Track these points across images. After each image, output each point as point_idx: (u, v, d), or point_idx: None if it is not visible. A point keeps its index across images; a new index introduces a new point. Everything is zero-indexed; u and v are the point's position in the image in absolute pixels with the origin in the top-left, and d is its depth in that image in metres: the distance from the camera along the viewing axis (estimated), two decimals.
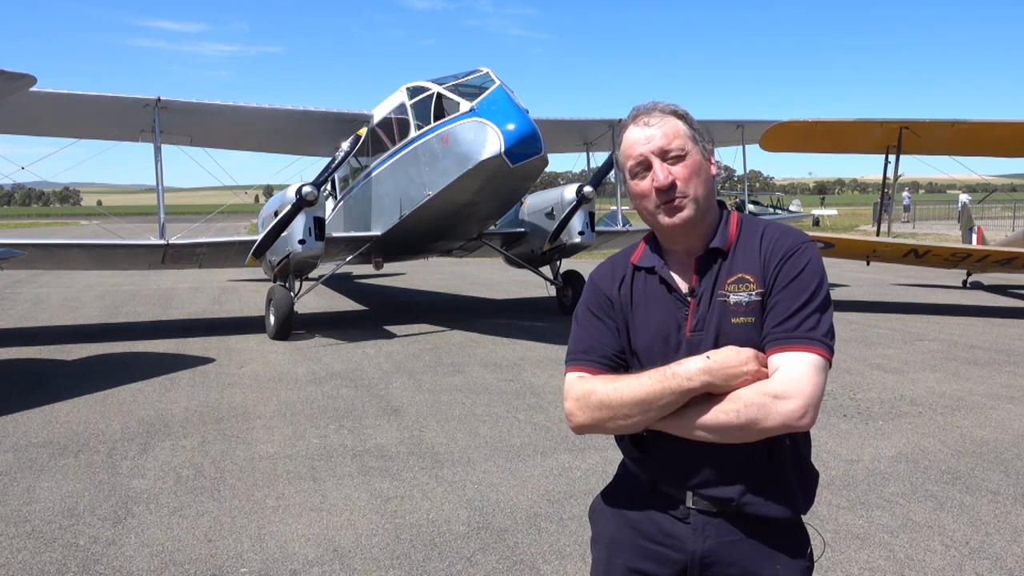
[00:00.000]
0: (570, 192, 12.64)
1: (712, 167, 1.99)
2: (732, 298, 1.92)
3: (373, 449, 6.04)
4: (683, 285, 1.98)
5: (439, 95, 11.31)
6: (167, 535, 4.47)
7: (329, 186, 13.99)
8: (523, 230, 13.55)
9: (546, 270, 14.00)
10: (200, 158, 17.42)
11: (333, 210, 14.34)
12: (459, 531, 4.50)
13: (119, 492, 5.15)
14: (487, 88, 10.65)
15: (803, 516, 2.00)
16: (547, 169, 11.59)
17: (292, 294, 11.37)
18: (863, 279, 17.70)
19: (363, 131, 12.52)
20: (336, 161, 11.78)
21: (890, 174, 15.75)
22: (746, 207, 29.69)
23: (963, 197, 34.00)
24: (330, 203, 14.30)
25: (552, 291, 13.92)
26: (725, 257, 1.96)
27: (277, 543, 4.36)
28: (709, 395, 1.83)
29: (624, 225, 15.69)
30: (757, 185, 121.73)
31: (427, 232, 12.24)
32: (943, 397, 7.44)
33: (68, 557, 4.21)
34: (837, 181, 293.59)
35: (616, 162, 2.04)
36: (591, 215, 12.86)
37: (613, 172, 13.05)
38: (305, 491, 5.15)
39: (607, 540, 2.06)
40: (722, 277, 1.94)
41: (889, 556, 4.14)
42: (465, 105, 10.58)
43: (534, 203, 13.50)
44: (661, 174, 1.91)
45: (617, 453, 2.12)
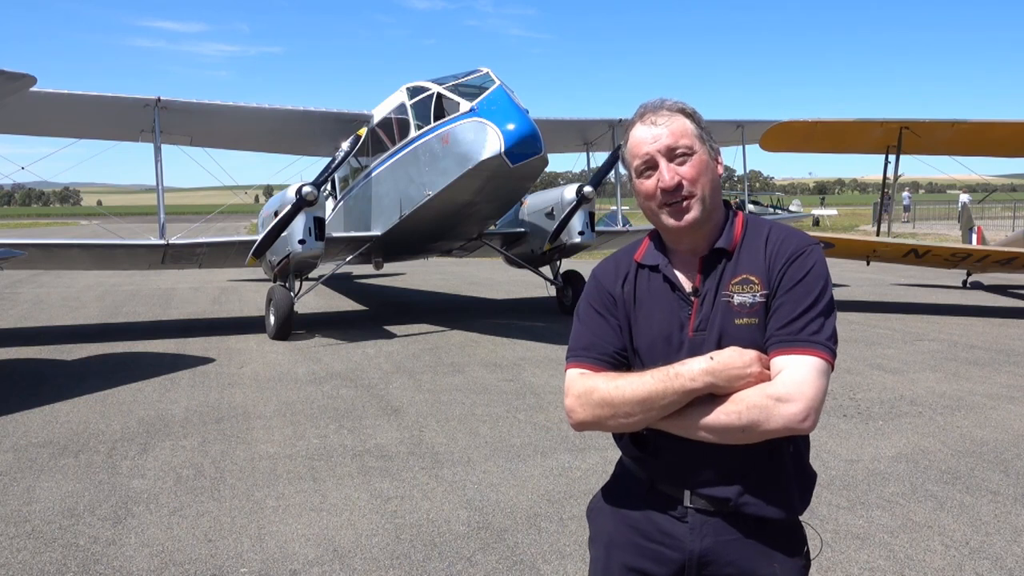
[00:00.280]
0: (570, 192, 12.64)
1: (719, 167, 1.98)
2: (736, 299, 1.91)
3: (373, 449, 6.04)
4: (687, 284, 1.97)
5: (439, 95, 11.31)
6: (167, 535, 4.47)
7: (329, 186, 13.98)
8: (523, 230, 13.55)
9: (546, 270, 14.00)
10: (200, 158, 17.43)
11: (333, 210, 14.34)
12: (459, 531, 4.50)
13: (119, 492, 5.15)
14: (487, 88, 10.65)
15: (801, 515, 2.00)
16: (547, 169, 11.60)
17: (292, 294, 11.37)
18: (863, 279, 17.69)
19: (363, 131, 12.52)
20: (336, 161, 11.78)
21: (890, 174, 15.76)
22: (746, 207, 29.68)
23: (963, 197, 34.00)
24: (330, 203, 14.30)
25: (552, 291, 13.92)
26: (730, 257, 1.95)
27: (277, 543, 4.36)
28: (711, 395, 1.83)
29: (624, 225, 15.69)
30: (757, 185, 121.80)
31: (427, 232, 12.24)
32: (943, 397, 7.44)
33: (68, 557, 4.21)
34: (837, 181, 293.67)
35: (622, 159, 2.03)
36: (591, 215, 12.85)
37: (613, 172, 13.07)
38: (305, 491, 5.15)
39: (605, 539, 2.06)
40: (726, 278, 1.93)
41: (889, 556, 4.14)
42: (465, 105, 10.58)
43: (534, 203, 13.50)
44: (667, 175, 1.90)
45: (617, 452, 2.12)
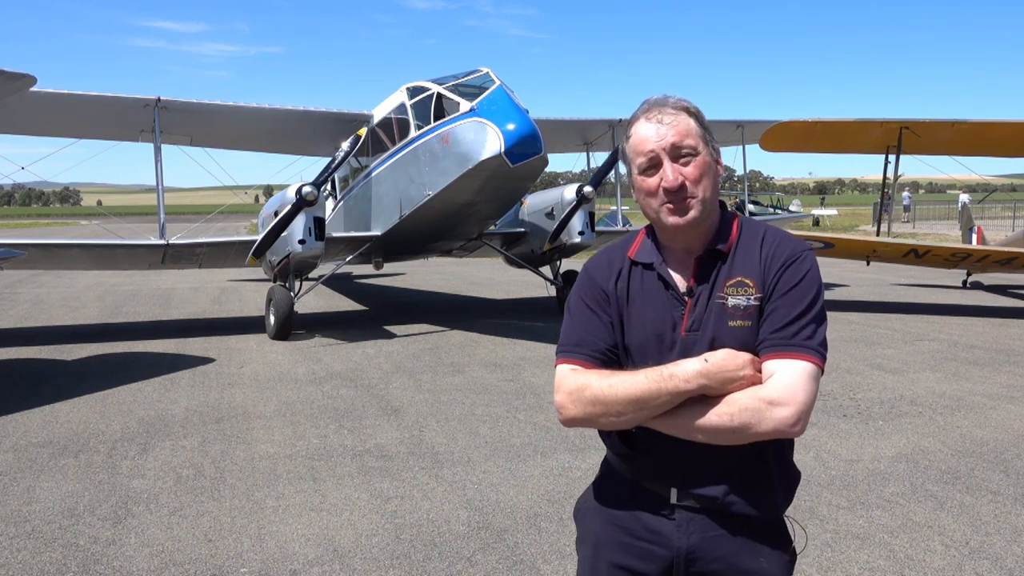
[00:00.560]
0: (570, 192, 12.64)
1: (720, 168, 1.98)
2: (730, 301, 1.91)
3: (373, 449, 6.04)
4: (681, 284, 1.97)
5: (439, 95, 11.31)
6: (167, 535, 4.47)
7: (329, 186, 13.98)
8: (523, 230, 13.56)
9: (546, 270, 14.00)
10: (200, 158, 17.44)
11: (333, 210, 14.34)
12: (459, 531, 4.50)
13: (119, 492, 5.15)
14: (487, 88, 10.65)
15: (784, 512, 2.02)
16: (547, 169, 11.60)
17: (292, 294, 11.37)
18: (863, 279, 17.69)
19: (363, 131, 12.52)
20: (336, 161, 11.78)
21: (890, 174, 15.76)
22: (746, 207, 29.70)
23: (963, 197, 34.00)
24: (330, 203, 14.30)
25: (552, 291, 13.91)
26: (725, 259, 1.95)
27: (277, 543, 4.36)
28: (703, 396, 1.84)
29: (624, 225, 15.69)
30: (757, 185, 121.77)
31: (427, 232, 12.24)
32: (943, 397, 7.44)
33: (68, 557, 4.21)
34: (837, 181, 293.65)
35: (622, 155, 2.02)
36: (591, 215, 12.86)
37: (613, 172, 13.07)
38: (305, 491, 5.15)
39: (593, 539, 2.07)
40: (721, 279, 1.94)
41: (889, 556, 4.14)
42: (465, 105, 10.58)
43: (534, 203, 13.51)
44: (671, 175, 1.90)
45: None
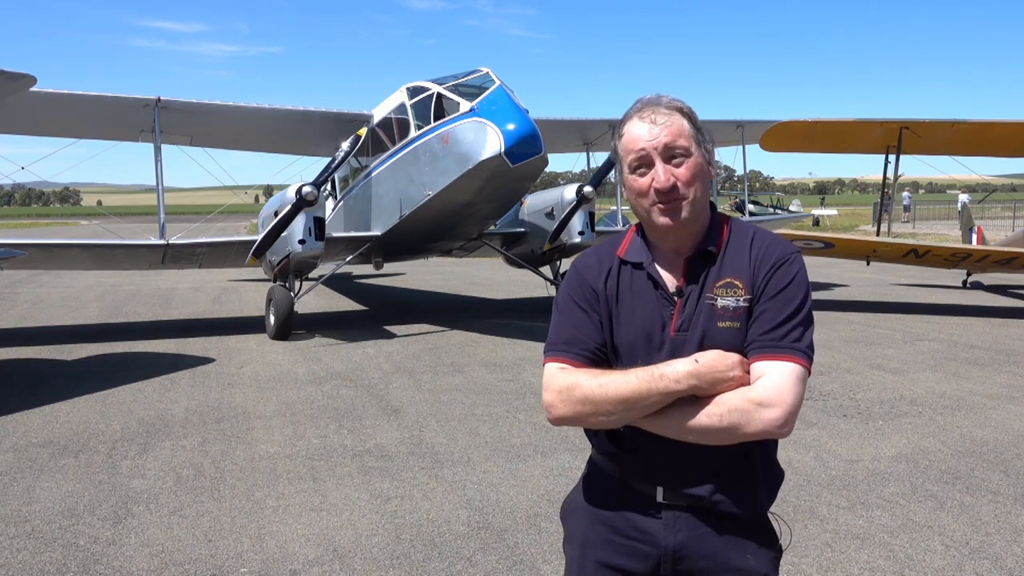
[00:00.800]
0: (570, 192, 12.65)
1: (711, 169, 1.98)
2: (720, 302, 1.92)
3: (373, 449, 6.04)
4: (670, 284, 1.98)
5: (439, 95, 11.32)
6: (167, 535, 4.47)
7: (329, 186, 13.98)
8: (523, 230, 13.56)
9: (546, 270, 14.00)
10: (200, 158, 17.46)
11: (333, 210, 14.34)
12: (459, 531, 4.50)
13: (119, 492, 5.15)
14: (487, 88, 10.66)
15: (768, 510, 2.04)
16: (547, 169, 11.61)
17: (292, 294, 11.37)
18: (863, 279, 17.69)
19: (363, 131, 12.52)
20: (336, 161, 11.78)
21: (890, 174, 15.75)
22: (746, 207, 29.70)
23: (962, 197, 33.99)
24: (330, 203, 14.30)
25: (552, 291, 13.90)
26: (714, 260, 1.96)
27: (277, 543, 4.36)
28: (693, 397, 1.85)
29: (624, 225, 15.70)
30: (757, 185, 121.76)
31: (427, 232, 12.24)
32: (943, 397, 7.44)
33: (68, 557, 4.21)
34: (837, 181, 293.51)
35: (614, 153, 2.02)
36: (591, 215, 12.86)
37: (613, 172, 13.07)
38: (305, 491, 5.15)
39: (580, 539, 2.07)
40: (711, 280, 1.95)
41: (889, 556, 4.14)
42: (465, 105, 10.58)
43: (534, 203, 13.51)
44: (663, 175, 1.90)
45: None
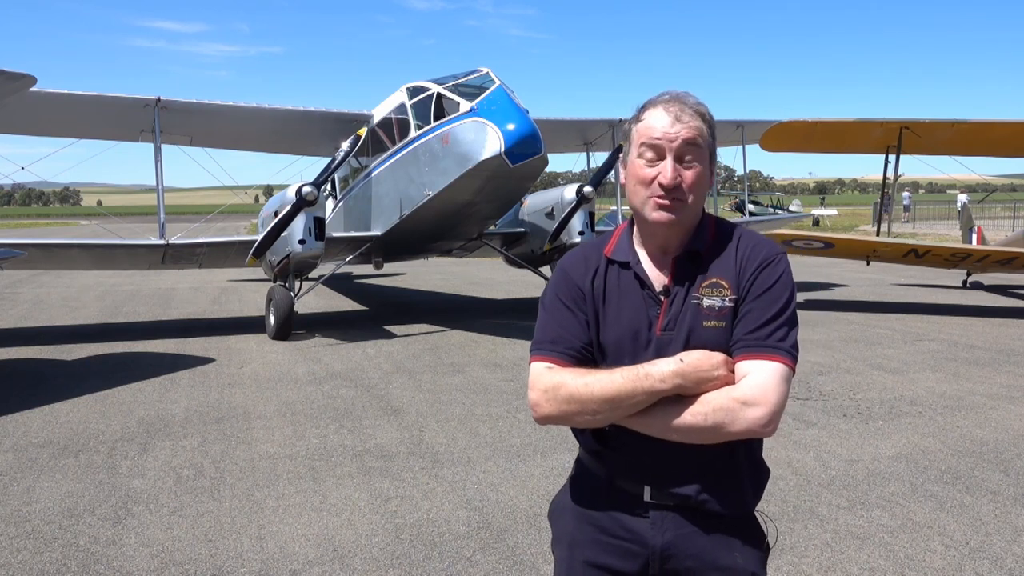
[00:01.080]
0: (570, 192, 12.65)
1: (712, 179, 2.00)
2: (706, 302, 1.93)
3: (373, 449, 6.05)
4: (656, 283, 1.98)
5: (439, 95, 11.32)
6: (167, 535, 4.47)
7: (329, 186, 13.98)
8: (523, 230, 13.55)
9: (546, 270, 13.99)
10: (200, 158, 17.46)
11: (333, 210, 14.34)
12: (459, 531, 4.50)
13: (119, 492, 5.15)
14: (487, 88, 10.66)
15: (755, 508, 2.04)
16: (547, 169, 11.61)
17: (292, 294, 11.36)
18: (863, 279, 17.70)
19: (363, 131, 12.52)
20: (336, 161, 11.78)
21: (890, 174, 15.75)
22: (746, 207, 29.72)
23: (961, 197, 34.00)
24: (330, 203, 14.30)
25: None
26: (701, 260, 1.97)
27: (277, 543, 4.36)
28: (678, 396, 1.86)
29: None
30: (757, 185, 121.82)
31: (427, 232, 12.25)
32: (943, 397, 7.44)
33: (68, 557, 4.21)
34: (837, 181, 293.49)
35: (626, 134, 2.02)
36: (591, 215, 12.86)
37: (613, 172, 13.07)
38: (305, 491, 5.16)
39: (568, 539, 2.08)
40: (697, 280, 1.96)
41: (889, 556, 4.14)
42: (465, 105, 10.59)
43: (534, 203, 13.51)
44: (671, 173, 1.90)
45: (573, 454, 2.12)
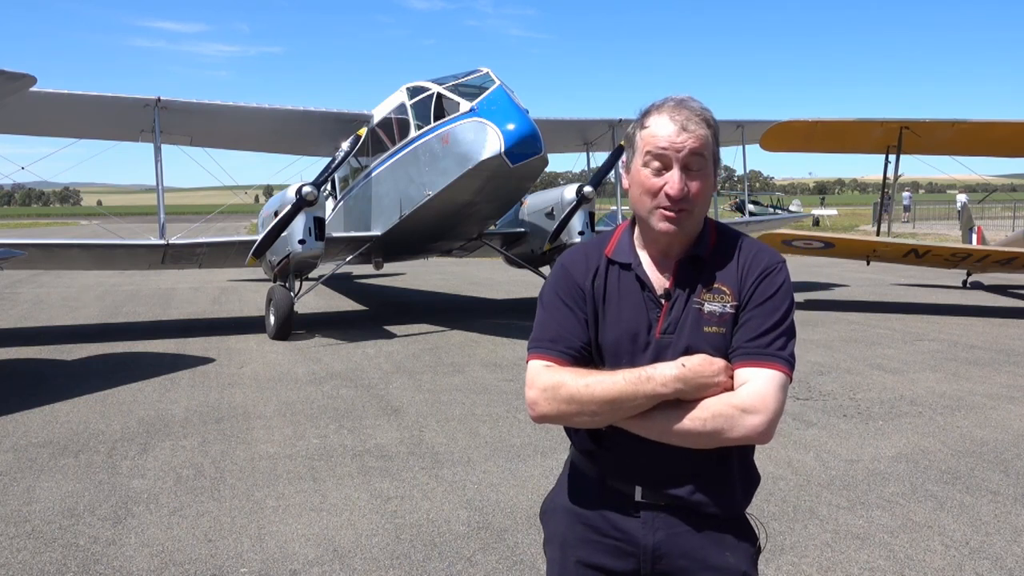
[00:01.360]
0: (570, 192, 12.64)
1: (715, 186, 2.01)
2: (707, 307, 1.94)
3: (373, 449, 6.05)
4: (657, 286, 1.99)
5: (439, 95, 11.32)
6: (167, 535, 4.47)
7: (329, 186, 13.99)
8: (523, 230, 13.55)
9: (546, 270, 13.98)
10: (200, 158, 17.46)
11: (333, 210, 14.34)
12: (459, 531, 4.50)
13: (119, 492, 5.15)
14: (487, 88, 10.66)
15: (745, 510, 2.05)
16: (547, 169, 11.60)
17: (292, 294, 11.36)
18: (863, 279, 17.70)
19: (363, 131, 12.52)
20: (336, 161, 11.79)
21: (890, 174, 15.74)
22: (746, 207, 29.72)
23: (961, 197, 34.01)
24: (330, 203, 14.30)
25: None
26: (703, 265, 1.98)
27: (277, 543, 4.36)
28: (677, 400, 1.86)
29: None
30: (757, 185, 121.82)
31: (427, 232, 12.24)
32: (943, 397, 7.44)
33: (68, 557, 4.21)
34: (837, 181, 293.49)
35: (629, 140, 2.01)
36: (591, 215, 12.85)
37: (613, 172, 13.07)
38: (305, 491, 5.16)
39: (560, 539, 2.08)
40: (698, 285, 1.96)
41: (889, 556, 4.14)
42: (465, 105, 10.59)
43: (534, 203, 13.51)
44: (678, 184, 1.90)
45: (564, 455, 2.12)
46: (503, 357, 9.56)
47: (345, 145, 11.97)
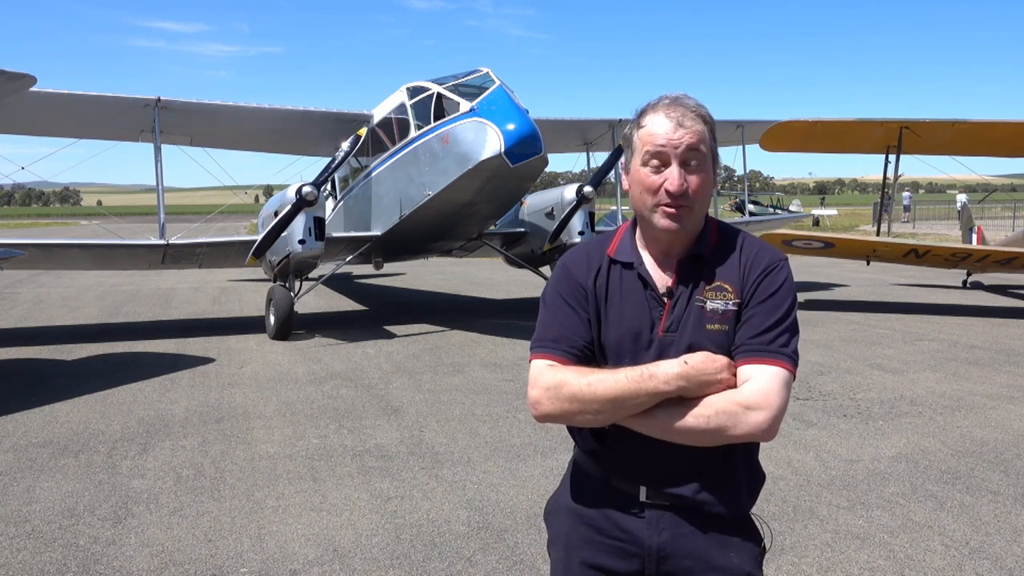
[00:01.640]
0: (570, 192, 12.64)
1: (715, 182, 2.01)
2: (709, 305, 1.94)
3: (373, 449, 6.05)
4: (660, 284, 1.99)
5: (439, 95, 11.32)
6: (167, 535, 4.47)
7: (329, 186, 13.98)
8: (523, 230, 13.55)
9: (546, 270, 13.98)
10: (200, 158, 17.46)
11: (333, 210, 14.34)
12: (459, 531, 4.50)
13: (119, 492, 5.15)
14: (487, 88, 10.66)
15: (750, 511, 2.05)
16: (547, 169, 11.61)
17: (292, 294, 11.36)
18: (863, 279, 17.70)
19: (363, 131, 12.53)
20: (336, 161, 11.79)
21: (890, 174, 15.74)
22: (746, 207, 29.73)
23: (961, 197, 34.02)
24: (330, 203, 14.30)
25: None
26: (705, 263, 1.98)
27: (277, 543, 4.36)
28: (680, 398, 1.86)
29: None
30: (757, 185, 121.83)
31: (427, 232, 12.25)
32: (943, 397, 7.44)
33: (68, 557, 4.21)
34: (837, 181, 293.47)
35: (627, 140, 2.01)
36: (591, 215, 12.86)
37: (613, 172, 13.08)
38: (305, 491, 5.16)
39: (564, 540, 2.08)
40: (701, 283, 1.96)
41: (889, 556, 4.14)
42: (465, 105, 10.59)
43: (534, 203, 13.51)
44: (677, 179, 1.90)
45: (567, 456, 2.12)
46: (503, 357, 9.56)
47: (345, 145, 11.97)
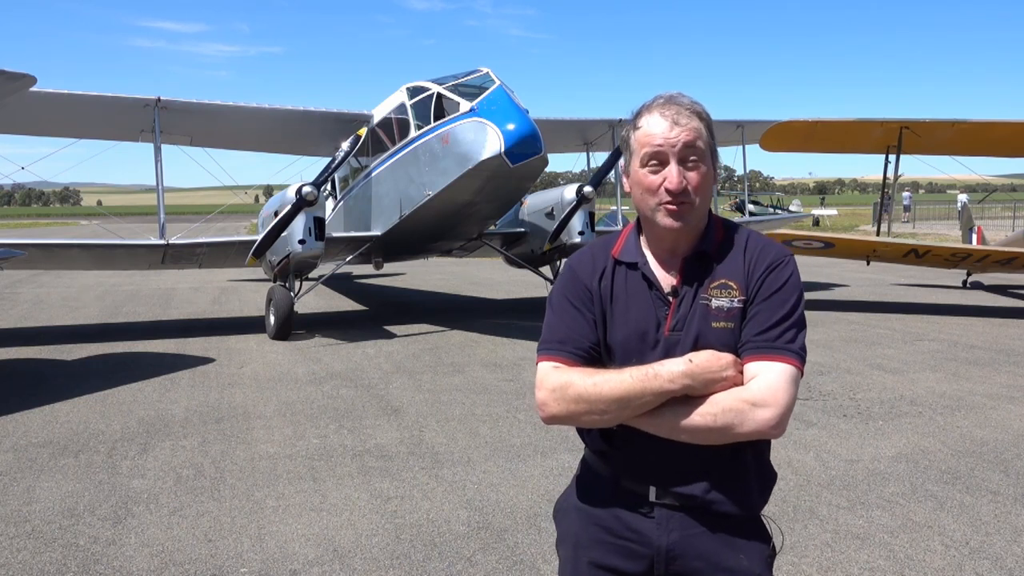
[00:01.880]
0: (570, 192, 12.64)
1: (716, 178, 2.00)
2: (714, 303, 1.94)
3: (373, 449, 6.05)
4: (665, 284, 1.99)
5: (439, 95, 11.32)
6: (167, 535, 4.47)
7: (329, 186, 13.99)
8: (523, 230, 13.55)
9: (546, 270, 14.00)
10: (200, 158, 17.46)
11: (333, 210, 14.34)
12: (459, 531, 4.50)
13: (119, 492, 5.15)
14: (487, 88, 10.66)
15: (761, 511, 2.04)
16: (547, 169, 11.61)
17: (292, 294, 11.36)
18: (863, 279, 17.70)
19: (363, 131, 12.53)
20: (336, 161, 11.79)
21: (890, 174, 15.75)
22: (746, 207, 29.73)
23: (961, 197, 34.02)
24: (330, 203, 14.30)
25: None
26: (709, 261, 1.98)
27: (277, 543, 4.36)
28: (686, 396, 1.86)
29: (624, 225, 15.67)
30: (757, 185, 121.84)
31: (427, 232, 12.25)
32: (943, 397, 7.44)
33: (68, 557, 4.21)
34: (837, 181, 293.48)
35: (625, 142, 2.01)
36: (591, 215, 12.86)
37: (613, 172, 13.07)
38: (305, 491, 5.16)
39: (572, 539, 2.08)
40: (706, 281, 1.96)
41: (889, 556, 4.14)
42: (465, 105, 10.59)
43: (534, 203, 13.51)
44: (676, 178, 1.90)
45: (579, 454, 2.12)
46: (503, 357, 9.56)
47: (345, 145, 11.97)
